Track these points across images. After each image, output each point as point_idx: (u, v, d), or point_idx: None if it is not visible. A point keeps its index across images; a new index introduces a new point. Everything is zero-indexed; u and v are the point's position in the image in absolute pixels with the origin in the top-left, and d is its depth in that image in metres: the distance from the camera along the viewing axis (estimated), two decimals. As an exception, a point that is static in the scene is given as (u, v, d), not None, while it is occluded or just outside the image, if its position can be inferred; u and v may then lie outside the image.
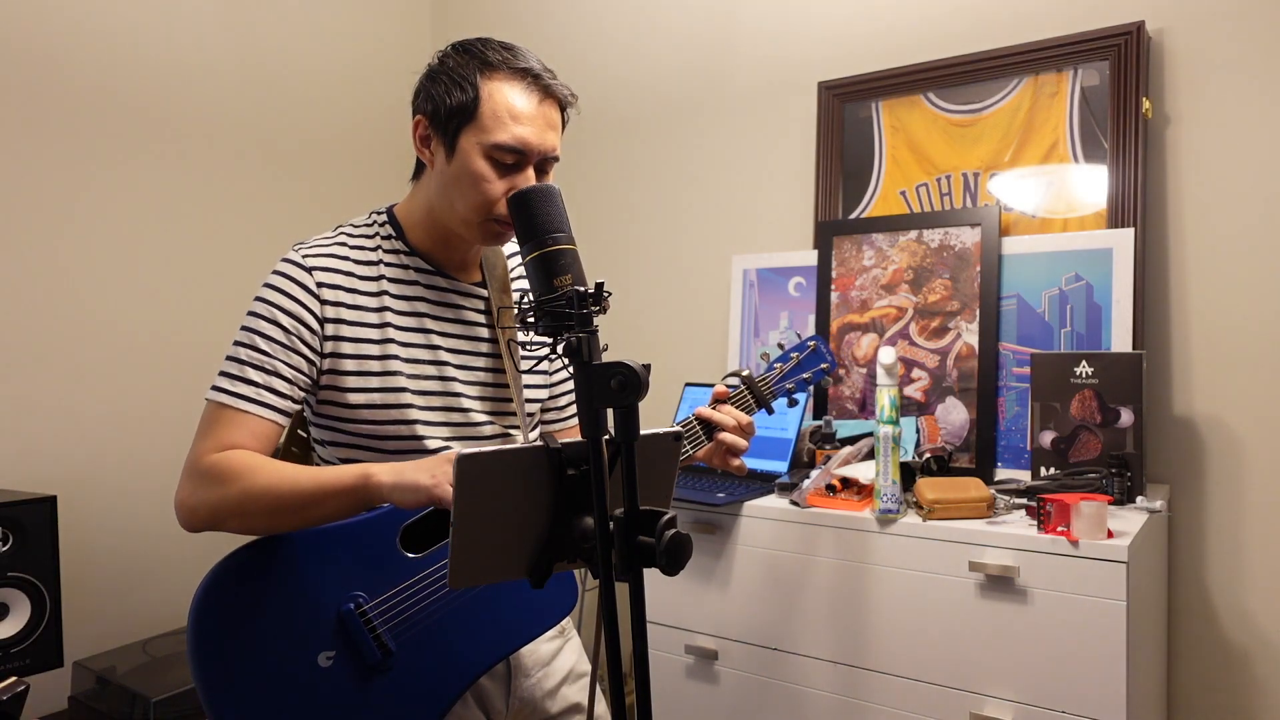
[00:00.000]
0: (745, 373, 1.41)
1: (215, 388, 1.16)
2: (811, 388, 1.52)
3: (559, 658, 1.35)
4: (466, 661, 1.18)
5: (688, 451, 1.33)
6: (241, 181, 2.62)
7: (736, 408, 1.37)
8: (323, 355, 1.19)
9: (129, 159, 2.37)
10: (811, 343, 1.49)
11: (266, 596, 1.12)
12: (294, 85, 2.75)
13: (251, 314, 1.18)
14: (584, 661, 1.40)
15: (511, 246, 1.36)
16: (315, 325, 1.18)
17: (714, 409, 1.34)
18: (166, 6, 2.44)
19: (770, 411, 1.43)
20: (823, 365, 1.49)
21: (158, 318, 2.43)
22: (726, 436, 1.31)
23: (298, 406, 1.18)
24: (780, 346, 1.49)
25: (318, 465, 1.29)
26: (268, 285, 1.19)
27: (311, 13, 2.80)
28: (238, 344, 1.17)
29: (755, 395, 1.41)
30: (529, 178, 1.18)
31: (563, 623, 1.37)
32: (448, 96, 1.17)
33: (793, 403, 1.49)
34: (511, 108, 1.17)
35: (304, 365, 1.17)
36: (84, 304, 2.29)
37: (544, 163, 1.20)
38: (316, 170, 2.81)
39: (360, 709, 1.13)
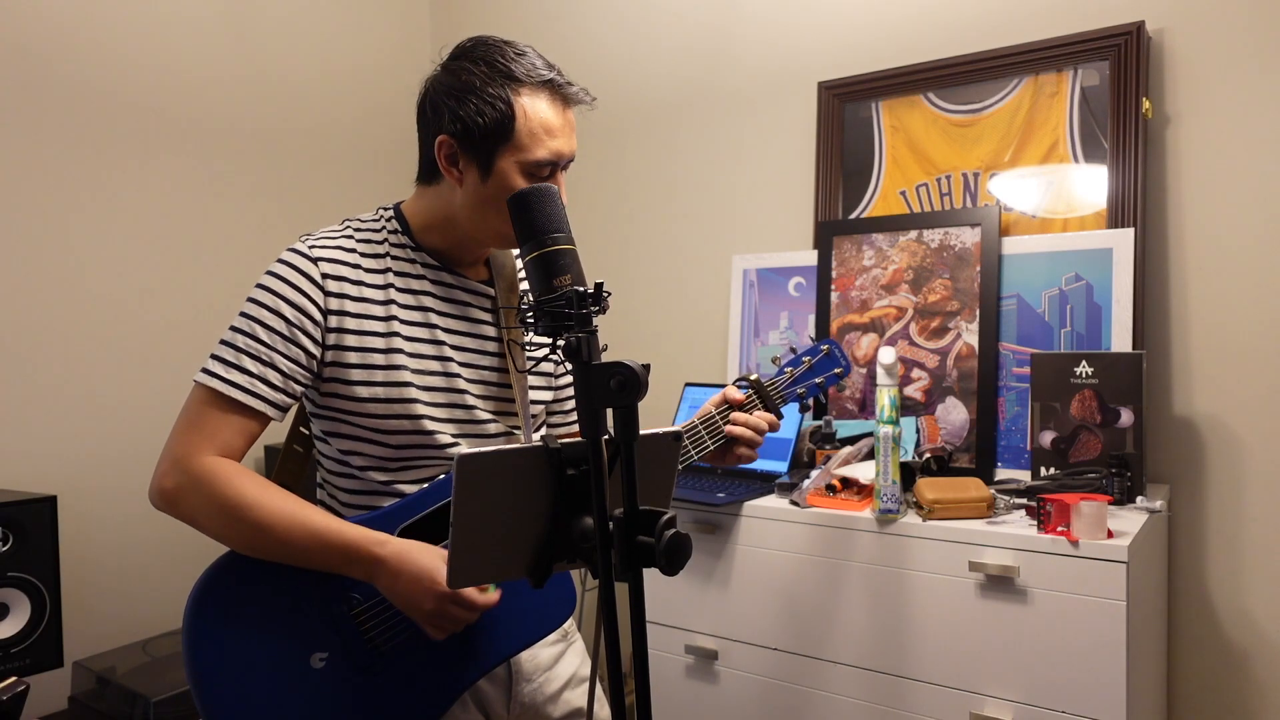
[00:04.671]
0: (754, 378, 1.39)
1: (208, 371, 1.14)
2: (823, 392, 1.49)
3: (561, 662, 1.35)
4: (461, 666, 1.18)
5: (691, 457, 1.32)
6: (242, 181, 2.62)
7: (745, 411, 1.35)
8: (325, 347, 1.18)
9: (128, 159, 2.37)
10: (825, 346, 1.46)
11: (260, 597, 1.12)
12: (293, 84, 2.75)
13: (253, 301, 1.16)
14: (587, 665, 1.39)
15: None
16: (318, 317, 1.17)
17: (725, 412, 1.34)
18: (166, 4, 2.44)
19: (780, 417, 1.41)
20: (836, 370, 1.46)
21: (158, 317, 2.43)
22: (743, 451, 1.34)
23: (291, 402, 1.17)
24: (792, 350, 1.47)
25: (318, 461, 1.29)
26: (271, 274, 1.18)
27: (311, 11, 2.80)
28: (235, 330, 1.15)
29: (764, 401, 1.38)
30: (559, 181, 1.19)
31: (566, 626, 1.37)
32: (480, 116, 1.15)
33: (804, 408, 1.47)
34: (546, 123, 1.17)
35: (302, 358, 1.16)
36: (85, 304, 2.29)
37: (566, 164, 1.22)
38: (317, 169, 2.81)
39: (353, 710, 1.13)
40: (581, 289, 0.90)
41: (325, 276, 1.18)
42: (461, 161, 1.18)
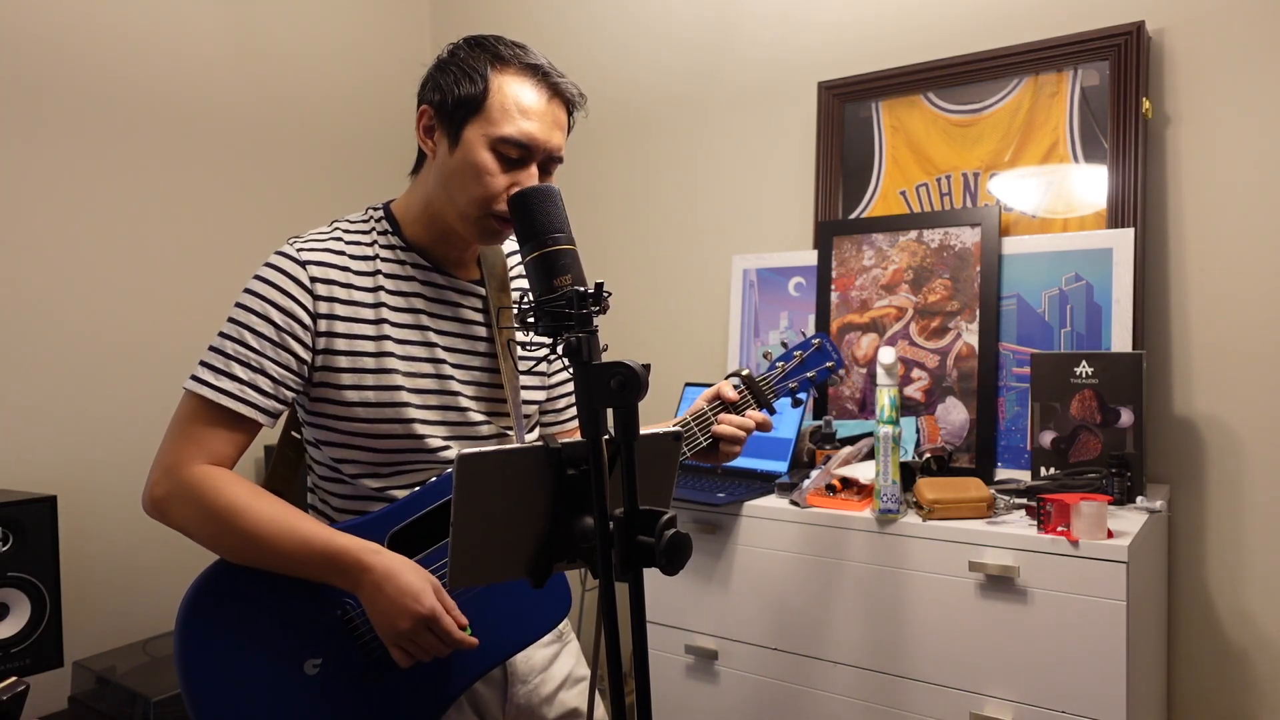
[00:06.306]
0: (745, 372, 1.40)
1: (197, 379, 1.13)
2: (815, 387, 1.50)
3: (556, 663, 1.34)
4: (456, 670, 1.17)
5: (685, 455, 1.32)
6: (240, 180, 2.62)
7: (738, 408, 1.36)
8: (315, 351, 1.17)
9: (127, 158, 2.37)
10: (816, 340, 1.47)
11: (253, 603, 1.11)
12: (290, 85, 2.75)
13: (241, 306, 1.15)
14: (582, 666, 1.39)
15: (511, 245, 1.35)
16: (308, 321, 1.16)
17: (718, 408, 1.34)
18: (161, 6, 2.44)
19: (772, 411, 1.41)
20: (828, 364, 1.46)
21: (158, 317, 2.43)
22: (729, 449, 1.34)
23: (282, 409, 1.16)
24: (784, 345, 1.48)
25: (310, 466, 1.28)
26: (259, 278, 1.16)
27: (310, 10, 2.80)
28: (224, 336, 1.14)
29: (756, 396, 1.39)
30: (532, 175, 1.16)
31: (560, 627, 1.36)
32: (456, 87, 1.16)
33: (797, 402, 1.47)
34: (520, 102, 1.16)
35: (293, 363, 1.15)
36: (84, 304, 2.29)
37: (547, 162, 1.19)
38: (316, 169, 2.81)
39: (349, 717, 1.12)
40: (582, 289, 0.90)
41: (314, 280, 1.17)
42: (437, 133, 1.19)
